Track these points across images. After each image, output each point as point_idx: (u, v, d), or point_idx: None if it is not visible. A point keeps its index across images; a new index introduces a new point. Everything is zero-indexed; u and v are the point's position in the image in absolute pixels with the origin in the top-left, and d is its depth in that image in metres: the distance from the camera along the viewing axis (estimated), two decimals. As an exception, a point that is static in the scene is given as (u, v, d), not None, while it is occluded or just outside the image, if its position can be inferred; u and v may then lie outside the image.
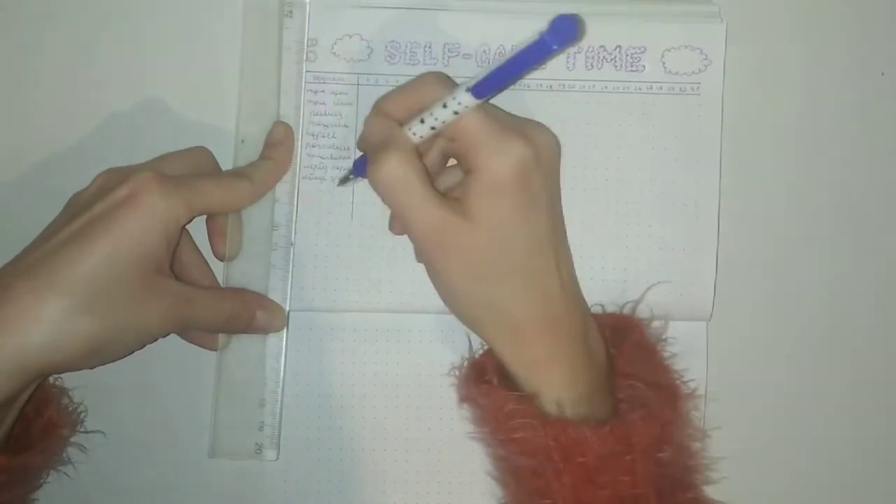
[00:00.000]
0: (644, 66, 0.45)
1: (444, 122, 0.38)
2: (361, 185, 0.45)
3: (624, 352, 0.42)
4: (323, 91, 0.46)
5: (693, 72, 0.45)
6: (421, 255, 0.41)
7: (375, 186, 0.39)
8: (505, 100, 0.45)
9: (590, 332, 0.41)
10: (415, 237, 0.40)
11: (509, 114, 0.41)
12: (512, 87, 0.45)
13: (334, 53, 0.46)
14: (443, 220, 0.38)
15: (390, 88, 0.45)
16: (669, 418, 0.40)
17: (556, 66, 0.45)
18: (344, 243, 0.45)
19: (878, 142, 0.46)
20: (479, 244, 0.38)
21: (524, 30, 0.45)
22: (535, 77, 0.45)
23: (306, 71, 0.46)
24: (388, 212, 0.45)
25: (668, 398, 0.41)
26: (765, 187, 0.46)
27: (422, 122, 0.39)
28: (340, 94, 0.46)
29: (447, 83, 0.40)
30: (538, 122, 0.41)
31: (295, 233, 0.45)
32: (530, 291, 0.39)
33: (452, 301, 0.41)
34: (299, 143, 0.45)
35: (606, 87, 0.45)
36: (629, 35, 0.45)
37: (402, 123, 0.40)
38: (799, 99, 0.46)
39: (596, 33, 0.45)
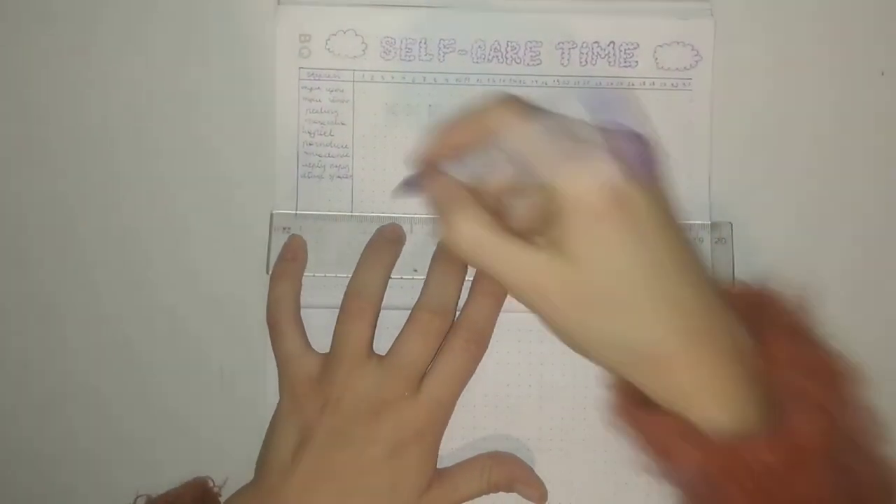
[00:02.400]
0: (637, 62, 0.46)
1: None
2: (360, 182, 0.45)
3: (771, 338, 0.37)
4: (318, 88, 0.45)
5: (684, 67, 0.46)
6: (527, 306, 0.38)
7: (456, 252, 0.37)
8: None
9: (736, 330, 0.37)
10: (512, 291, 0.38)
11: (578, 122, 0.37)
12: (506, 84, 0.46)
13: (328, 49, 0.46)
14: (536, 267, 0.36)
15: (386, 85, 0.46)
16: (837, 410, 0.35)
17: (550, 63, 0.46)
18: (344, 240, 0.45)
19: (877, 142, 0.46)
20: (584, 281, 0.35)
21: (520, 25, 0.46)
22: (530, 73, 0.46)
23: (300, 67, 0.45)
24: (385, 206, 0.45)
25: (830, 385, 0.36)
26: (757, 185, 0.46)
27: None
28: (336, 91, 0.46)
29: (519, 111, 0.37)
30: (614, 129, 0.37)
31: (300, 229, 0.45)
32: (661, 319, 0.35)
33: (575, 346, 0.38)
34: (297, 141, 0.45)
35: (600, 83, 0.46)
36: (623, 31, 0.46)
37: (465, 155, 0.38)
38: (796, 98, 0.46)
39: (590, 29, 0.46)
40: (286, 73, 0.45)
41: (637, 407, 0.37)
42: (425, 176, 0.39)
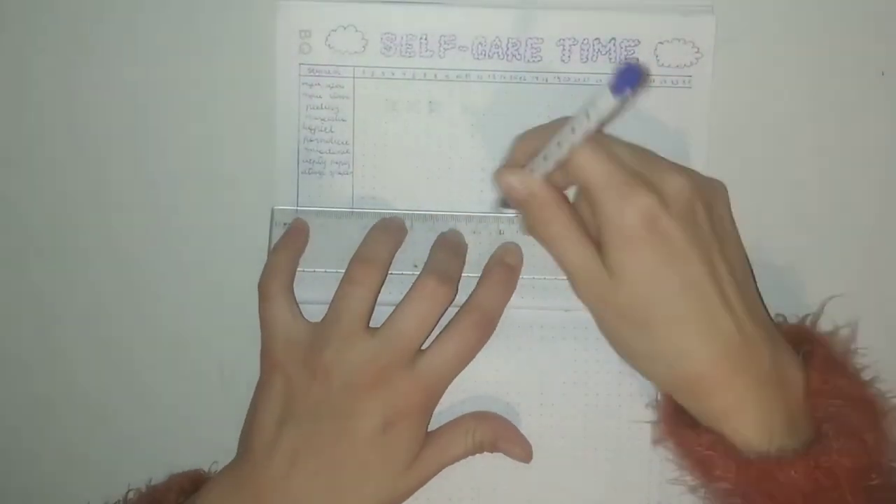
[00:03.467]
0: (638, 59, 0.46)
1: (561, 155, 0.37)
2: (361, 179, 0.45)
3: (815, 367, 0.38)
4: (318, 84, 0.45)
5: (685, 65, 0.46)
6: (579, 299, 0.40)
7: (538, 234, 0.39)
8: (502, 94, 0.45)
9: (782, 359, 0.38)
10: (569, 279, 0.39)
11: (644, 154, 0.39)
12: (507, 80, 0.45)
13: (329, 45, 0.45)
14: (592, 269, 0.38)
15: (386, 81, 0.45)
16: (875, 441, 0.37)
17: (551, 59, 0.45)
18: (344, 237, 0.45)
19: (877, 142, 0.46)
20: (623, 298, 0.37)
21: (521, 21, 0.46)
22: (530, 70, 0.46)
23: (300, 63, 0.45)
24: (386, 202, 0.45)
25: (869, 417, 0.37)
26: (756, 183, 0.46)
27: (544, 159, 0.38)
28: (336, 87, 0.45)
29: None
30: (673, 165, 0.39)
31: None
32: (699, 340, 0.37)
33: (619, 352, 0.40)
34: (297, 137, 0.45)
35: (601, 80, 0.46)
36: (624, 27, 0.45)
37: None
38: (796, 97, 0.46)
39: (591, 26, 0.45)
40: (286, 69, 0.45)
41: (679, 423, 0.39)
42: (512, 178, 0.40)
